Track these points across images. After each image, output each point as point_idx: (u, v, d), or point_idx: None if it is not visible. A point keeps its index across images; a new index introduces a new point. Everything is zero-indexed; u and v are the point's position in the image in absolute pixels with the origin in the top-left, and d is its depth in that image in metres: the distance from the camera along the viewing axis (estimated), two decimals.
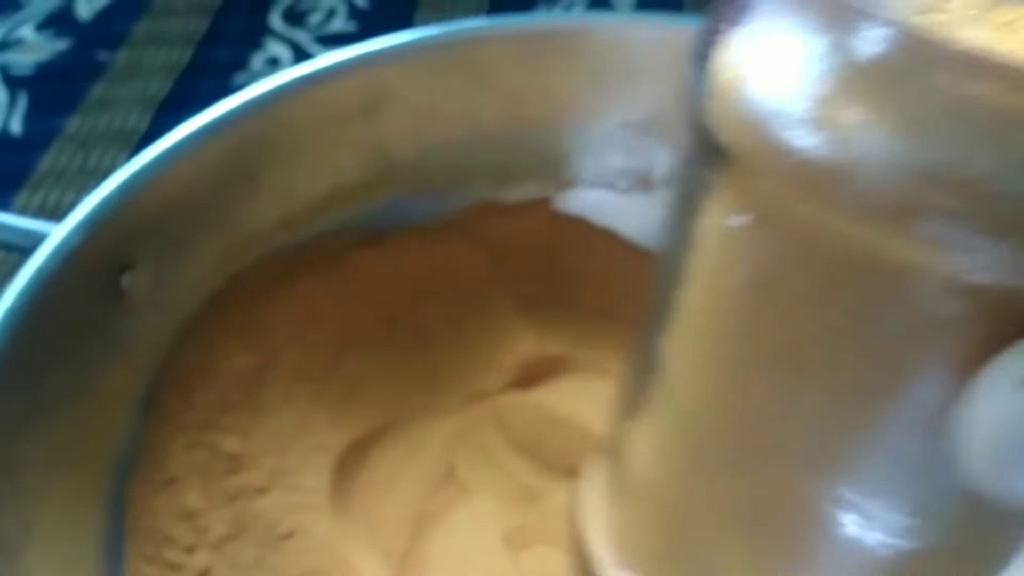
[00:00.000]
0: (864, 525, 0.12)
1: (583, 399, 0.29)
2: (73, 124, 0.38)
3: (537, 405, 0.29)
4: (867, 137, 0.10)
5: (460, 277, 0.31)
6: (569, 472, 0.28)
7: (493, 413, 0.29)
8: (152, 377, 0.26)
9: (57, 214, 0.34)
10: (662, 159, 0.31)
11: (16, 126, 0.38)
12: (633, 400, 0.16)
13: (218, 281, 0.28)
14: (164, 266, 0.26)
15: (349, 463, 0.27)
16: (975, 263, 0.10)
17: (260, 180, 0.28)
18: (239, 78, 0.40)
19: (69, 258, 0.24)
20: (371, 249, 0.30)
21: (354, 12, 0.42)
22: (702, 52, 0.12)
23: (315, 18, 0.42)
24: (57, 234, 0.24)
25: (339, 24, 0.42)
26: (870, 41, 0.10)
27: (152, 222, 0.26)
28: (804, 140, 0.10)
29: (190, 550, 0.25)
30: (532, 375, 0.30)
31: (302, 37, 0.41)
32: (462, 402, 0.29)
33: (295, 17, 0.42)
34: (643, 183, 0.32)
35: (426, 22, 0.42)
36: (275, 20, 0.42)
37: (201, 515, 0.25)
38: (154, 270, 0.26)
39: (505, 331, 0.30)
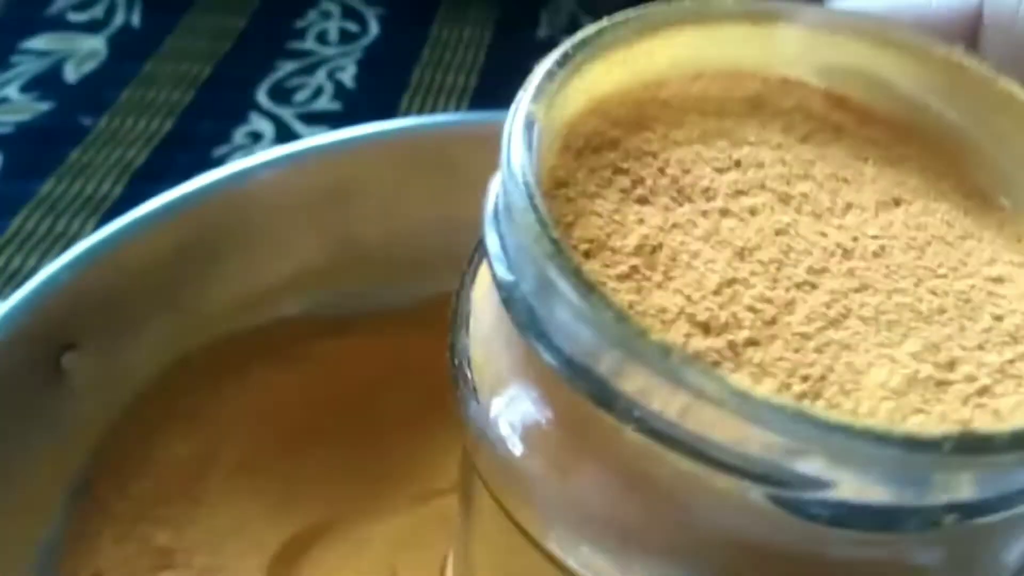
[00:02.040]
0: None
1: None
2: (47, 187, 0.38)
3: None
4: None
5: (423, 371, 0.30)
6: None
7: (441, 513, 0.28)
8: (88, 461, 0.25)
9: (17, 279, 0.34)
10: None
11: None
12: None
13: (166, 362, 0.27)
14: (110, 347, 0.25)
15: (286, 561, 0.26)
16: None
17: (220, 261, 0.28)
18: (219, 151, 0.40)
19: (8, 338, 0.23)
20: (331, 338, 0.30)
21: (340, 92, 0.43)
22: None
23: (301, 95, 0.42)
24: None
25: (324, 103, 0.42)
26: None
27: (100, 302, 0.25)
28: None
29: None
30: None
31: (286, 113, 0.41)
32: (410, 501, 0.28)
33: (282, 93, 0.43)
34: None
35: (412, 107, 0.42)
36: (261, 95, 0.42)
37: None
38: (99, 351, 0.25)
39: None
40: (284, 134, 0.40)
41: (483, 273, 0.13)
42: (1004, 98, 0.12)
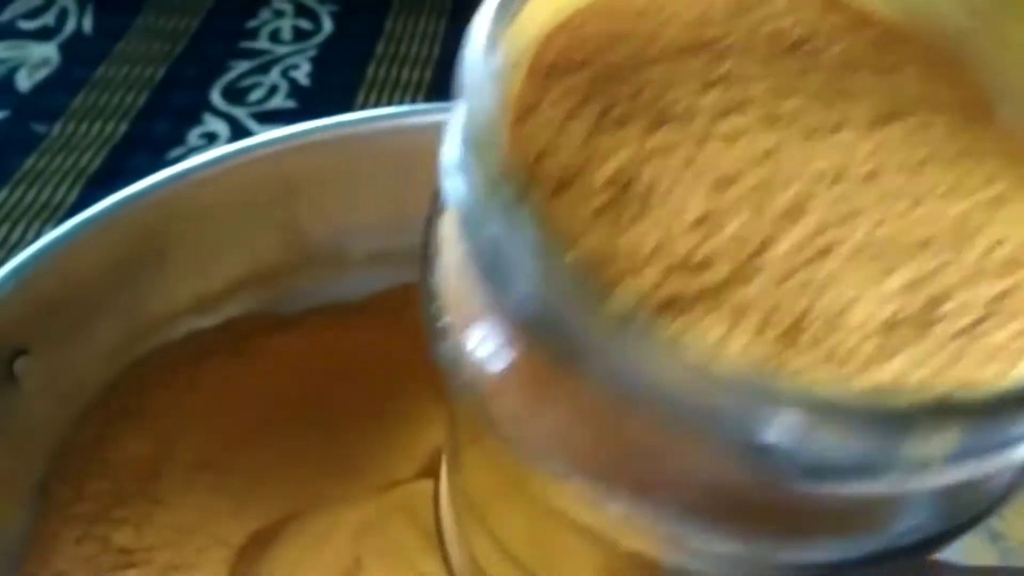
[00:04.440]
0: None
1: None
2: (2, 196, 0.38)
3: None
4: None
5: (377, 361, 0.30)
6: None
7: (403, 501, 0.28)
8: (44, 465, 0.26)
9: None
10: None
11: None
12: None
13: (120, 366, 0.27)
14: (62, 351, 0.26)
15: (250, 556, 0.26)
16: None
17: (170, 262, 0.28)
18: (174, 153, 0.40)
19: None
20: (284, 331, 0.30)
21: (295, 90, 0.43)
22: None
23: (256, 95, 0.42)
24: None
25: (279, 101, 0.42)
26: None
27: (50, 306, 0.25)
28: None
29: None
30: None
31: (240, 113, 0.41)
32: (373, 490, 0.28)
33: (236, 93, 0.43)
34: None
35: (368, 103, 0.42)
36: (215, 96, 0.42)
37: None
38: (51, 355, 0.25)
39: (420, 417, 0.30)
40: (239, 134, 0.41)
41: (450, 211, 0.12)
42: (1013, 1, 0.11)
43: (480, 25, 0.10)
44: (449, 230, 0.12)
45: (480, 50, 0.10)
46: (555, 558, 0.14)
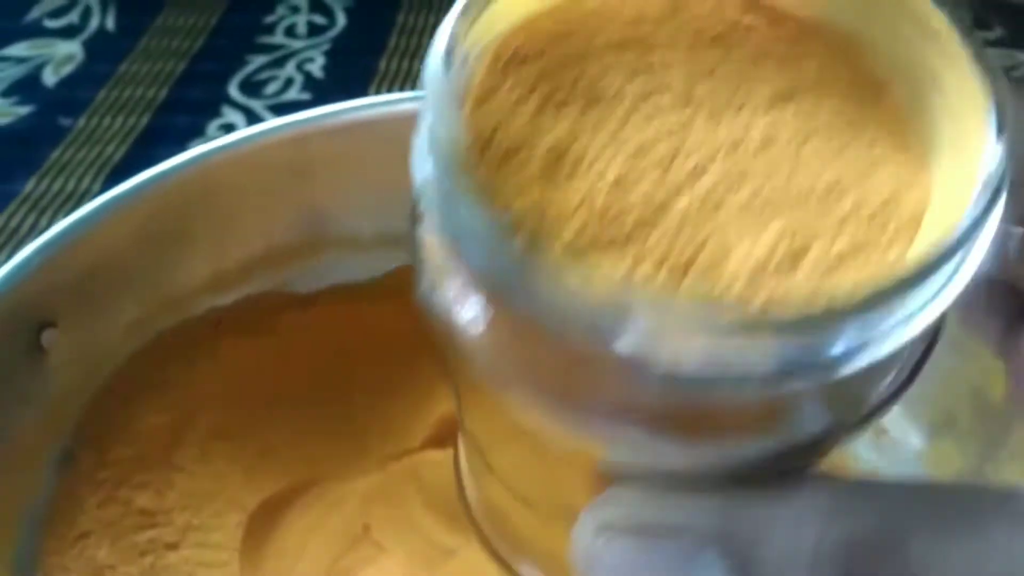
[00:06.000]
0: None
1: None
2: (29, 186, 0.39)
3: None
4: None
5: (387, 338, 0.32)
6: None
7: (411, 470, 0.29)
8: (70, 433, 0.27)
9: None
10: None
11: None
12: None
13: (142, 339, 0.28)
14: (87, 324, 0.27)
15: (263, 521, 0.28)
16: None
17: (190, 241, 0.29)
18: (194, 144, 0.41)
19: None
20: (299, 310, 0.31)
21: (310, 82, 0.44)
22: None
23: (272, 87, 0.44)
24: None
25: (294, 93, 0.43)
26: None
27: (76, 281, 0.26)
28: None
29: None
30: (451, 433, 0.30)
31: (257, 105, 0.42)
32: (382, 460, 0.30)
33: (253, 86, 0.44)
34: None
35: (380, 94, 0.44)
36: (233, 89, 0.44)
37: (111, 571, 0.26)
38: (76, 328, 0.27)
39: (427, 391, 0.31)
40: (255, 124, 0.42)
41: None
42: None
43: (444, 27, 0.13)
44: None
45: (441, 47, 0.12)
46: (544, 485, 0.15)
